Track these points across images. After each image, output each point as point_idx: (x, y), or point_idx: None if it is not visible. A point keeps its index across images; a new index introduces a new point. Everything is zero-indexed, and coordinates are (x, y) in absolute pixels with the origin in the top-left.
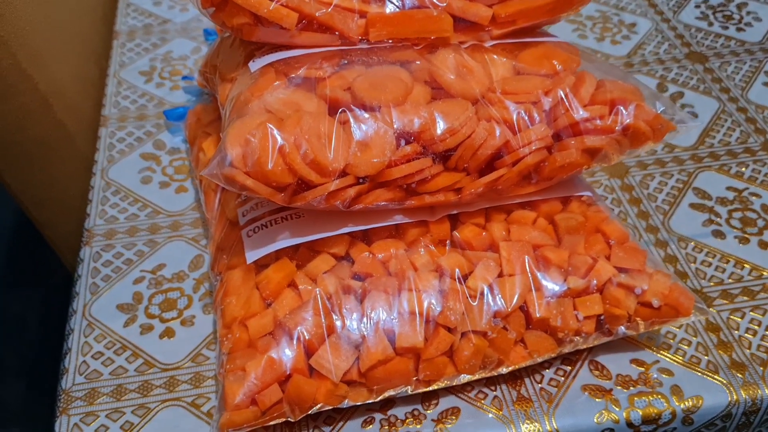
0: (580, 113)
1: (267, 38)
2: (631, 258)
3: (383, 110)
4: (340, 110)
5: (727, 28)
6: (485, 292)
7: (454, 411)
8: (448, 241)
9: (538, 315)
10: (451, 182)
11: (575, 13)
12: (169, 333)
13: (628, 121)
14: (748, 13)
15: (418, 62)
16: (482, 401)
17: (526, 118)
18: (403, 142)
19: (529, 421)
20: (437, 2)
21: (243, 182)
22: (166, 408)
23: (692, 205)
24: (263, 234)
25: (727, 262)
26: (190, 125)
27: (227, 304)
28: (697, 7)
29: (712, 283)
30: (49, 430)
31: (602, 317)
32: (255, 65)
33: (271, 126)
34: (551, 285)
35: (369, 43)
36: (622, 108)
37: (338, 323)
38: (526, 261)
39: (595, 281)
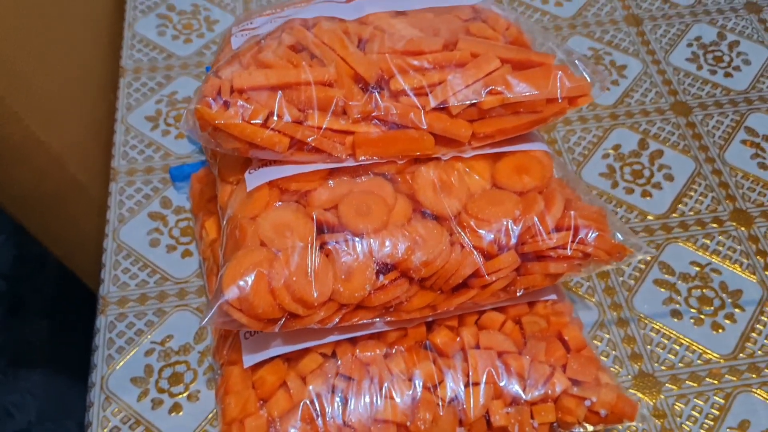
0: (545, 242)
1: (261, 157)
2: (584, 370)
3: (365, 239)
4: (327, 243)
5: (715, 72)
6: (453, 402)
7: None
8: (425, 343)
9: (497, 424)
10: (426, 302)
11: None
12: (176, 408)
13: (589, 250)
14: (739, 54)
15: (400, 178)
16: None
17: (496, 246)
18: (381, 274)
19: None
20: (420, 124)
21: (239, 320)
22: None
23: (656, 281)
24: (259, 338)
25: (681, 345)
26: (194, 194)
27: (227, 405)
28: (689, 45)
29: (663, 367)
30: None
31: (555, 424)
32: (251, 182)
33: (263, 270)
34: (512, 394)
35: (356, 160)
36: (584, 236)
37: (321, 430)
38: (491, 371)
39: (550, 391)
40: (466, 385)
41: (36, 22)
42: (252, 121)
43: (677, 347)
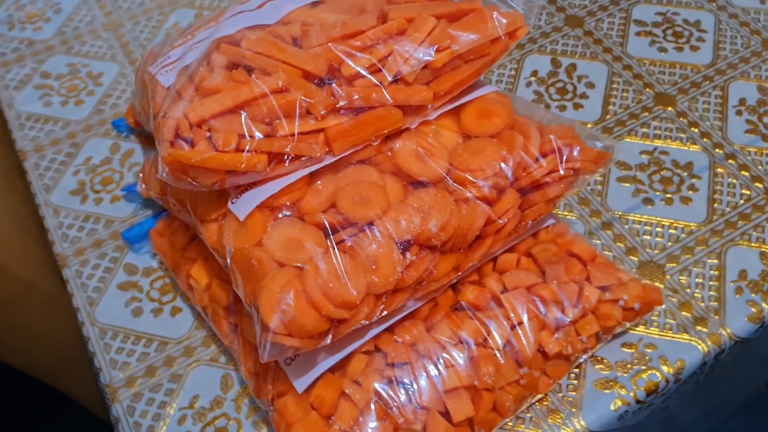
0: (539, 171)
1: (240, 182)
2: (607, 275)
3: (378, 224)
4: (343, 240)
5: None
6: (506, 347)
7: None
8: (460, 304)
9: (553, 352)
10: (452, 265)
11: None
12: None
13: (578, 165)
14: None
15: (379, 159)
16: (522, 427)
17: (496, 191)
18: (406, 252)
19: (564, 428)
20: (385, 100)
21: (293, 345)
22: None
23: (619, 179)
24: (302, 360)
25: (662, 226)
26: (162, 249)
27: None
28: None
29: (657, 251)
30: None
31: (599, 333)
32: (239, 211)
33: (297, 288)
34: (554, 320)
35: (334, 155)
36: (569, 154)
37: (400, 420)
38: (529, 307)
39: (587, 305)
40: (512, 328)
41: None
42: (226, 149)
43: (660, 230)
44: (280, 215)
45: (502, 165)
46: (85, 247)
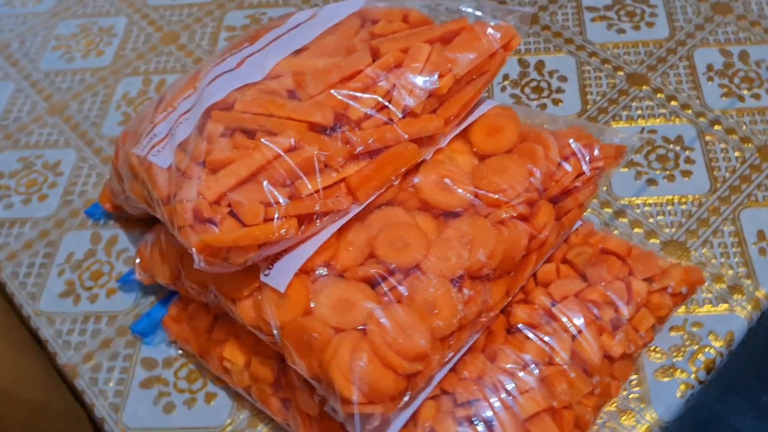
0: (567, 176)
1: (272, 252)
2: (649, 266)
3: (425, 265)
4: (395, 288)
5: None
6: (574, 360)
7: None
8: (514, 327)
9: (618, 354)
10: (504, 290)
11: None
12: None
13: (601, 164)
14: None
15: (402, 197)
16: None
17: (529, 207)
18: (462, 289)
19: (639, 426)
20: (399, 135)
21: (377, 411)
22: None
23: None
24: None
25: (672, 204)
26: (182, 336)
27: None
28: None
29: (674, 229)
30: None
31: (655, 324)
32: (276, 282)
33: (367, 352)
34: (612, 322)
35: (360, 203)
36: (590, 154)
37: None
38: (584, 314)
39: (639, 299)
40: (573, 339)
41: None
42: (255, 222)
43: (671, 207)
44: (320, 278)
45: (531, 179)
46: (93, 351)
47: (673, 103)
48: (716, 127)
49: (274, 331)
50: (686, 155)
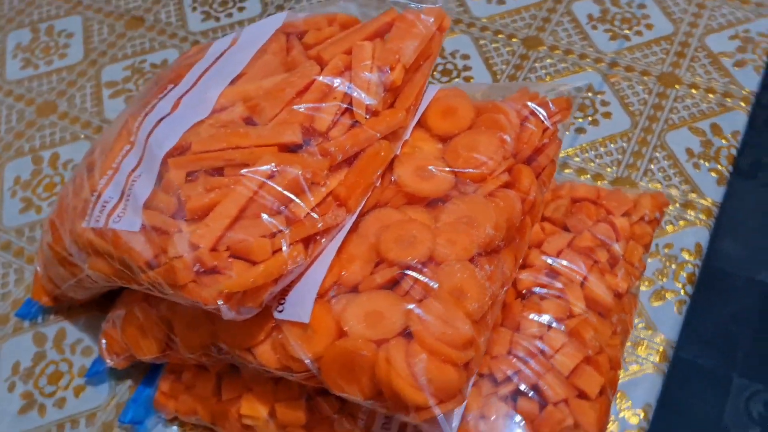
0: (535, 135)
1: (283, 285)
2: (621, 202)
3: (439, 254)
4: (410, 288)
5: None
6: (590, 306)
7: None
8: (524, 292)
9: (623, 289)
10: (513, 256)
11: None
12: None
13: (559, 117)
14: None
15: (385, 196)
16: (623, 372)
17: (509, 174)
18: (484, 266)
19: (653, 352)
20: (372, 135)
21: (459, 405)
22: None
23: None
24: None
25: (605, 145)
26: (186, 409)
27: None
28: None
29: (615, 167)
30: None
31: (644, 253)
32: (297, 315)
33: (420, 354)
34: (609, 262)
35: (352, 213)
36: (546, 111)
37: (550, 425)
38: (582, 261)
39: (624, 234)
40: (582, 286)
41: None
42: (266, 258)
43: (604, 149)
44: (336, 299)
45: (504, 146)
46: None
47: (570, 56)
48: (616, 68)
49: (309, 365)
50: (600, 99)
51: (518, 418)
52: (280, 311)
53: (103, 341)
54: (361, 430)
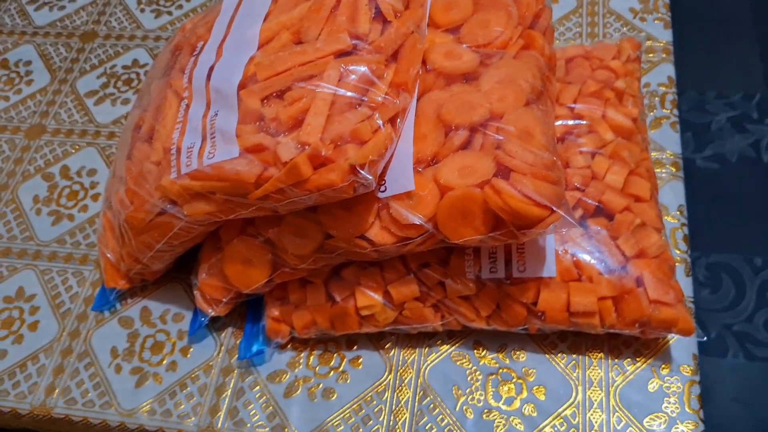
0: (530, 7)
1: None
2: (607, 50)
3: (497, 110)
4: (480, 143)
5: None
6: (618, 132)
7: None
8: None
9: (635, 115)
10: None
11: None
12: None
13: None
14: None
15: (428, 79)
16: None
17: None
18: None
19: (669, 166)
20: (408, 28)
21: (564, 216)
22: None
23: None
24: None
25: None
26: (306, 324)
27: None
28: None
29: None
30: None
31: (639, 85)
32: (401, 187)
33: (523, 176)
34: (617, 97)
35: (412, 96)
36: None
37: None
38: (597, 97)
39: (619, 70)
40: (604, 119)
41: None
42: (370, 137)
43: None
44: (424, 172)
45: (512, 17)
46: (214, 406)
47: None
48: None
49: (426, 226)
50: None
51: (596, 227)
52: (383, 191)
53: (198, 295)
54: (472, 281)
